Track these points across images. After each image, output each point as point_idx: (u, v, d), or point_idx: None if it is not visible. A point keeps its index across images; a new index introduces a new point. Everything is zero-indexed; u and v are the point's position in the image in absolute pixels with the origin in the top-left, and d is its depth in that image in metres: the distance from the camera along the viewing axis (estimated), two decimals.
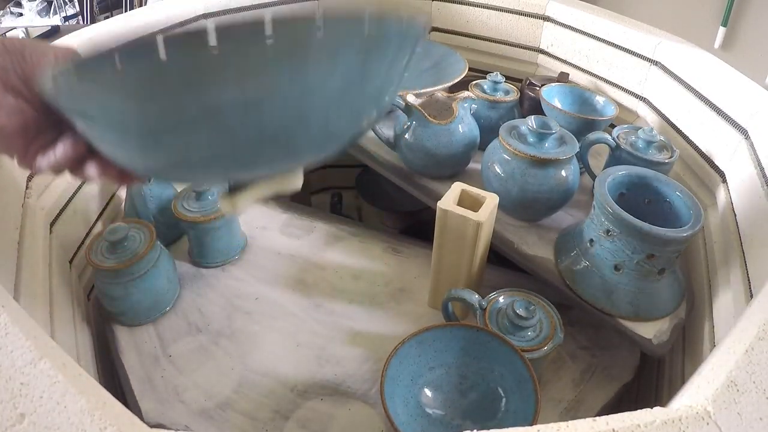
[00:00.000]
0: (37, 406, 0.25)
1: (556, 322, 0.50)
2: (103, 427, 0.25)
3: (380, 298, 0.62)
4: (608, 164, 0.63)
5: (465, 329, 0.48)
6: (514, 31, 0.86)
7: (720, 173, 0.58)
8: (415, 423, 0.45)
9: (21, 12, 2.29)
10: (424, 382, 0.47)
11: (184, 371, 0.52)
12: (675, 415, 0.26)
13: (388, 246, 0.70)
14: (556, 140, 0.57)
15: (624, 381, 0.53)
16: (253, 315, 0.59)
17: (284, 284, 0.63)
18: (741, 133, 0.55)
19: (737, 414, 0.26)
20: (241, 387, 0.51)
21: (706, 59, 0.65)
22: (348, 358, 0.54)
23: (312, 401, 0.50)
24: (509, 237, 0.59)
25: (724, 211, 0.55)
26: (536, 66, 0.88)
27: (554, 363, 0.55)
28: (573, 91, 0.71)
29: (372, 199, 0.97)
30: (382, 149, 0.72)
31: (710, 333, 0.49)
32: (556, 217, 0.62)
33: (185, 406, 0.49)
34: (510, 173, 0.56)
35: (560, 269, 0.55)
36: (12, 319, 0.29)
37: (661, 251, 0.47)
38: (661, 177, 0.53)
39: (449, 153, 0.63)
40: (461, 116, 0.63)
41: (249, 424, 0.48)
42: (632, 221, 0.46)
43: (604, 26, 0.75)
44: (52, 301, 0.48)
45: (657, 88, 0.71)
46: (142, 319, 0.56)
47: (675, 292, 0.52)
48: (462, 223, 0.50)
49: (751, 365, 0.28)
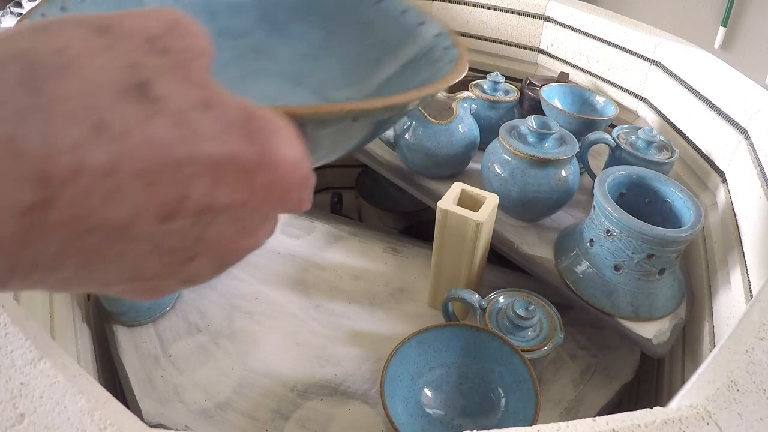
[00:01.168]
0: (37, 406, 0.25)
1: (556, 322, 0.50)
2: (103, 427, 0.25)
3: (380, 298, 0.62)
4: (608, 164, 0.63)
5: (465, 329, 0.48)
6: (514, 31, 0.86)
7: (720, 173, 0.58)
8: (415, 423, 0.45)
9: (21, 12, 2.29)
10: (424, 382, 0.47)
11: (184, 371, 0.52)
12: (675, 415, 0.26)
13: (388, 246, 0.70)
14: (556, 140, 0.57)
15: (624, 381, 0.53)
16: (253, 315, 0.59)
17: (284, 284, 0.63)
18: (741, 133, 0.55)
19: (737, 414, 0.26)
20: (241, 387, 0.51)
21: (706, 59, 0.65)
22: (348, 358, 0.54)
23: (312, 401, 0.50)
24: (509, 237, 0.59)
25: (724, 211, 0.55)
26: (536, 66, 0.88)
27: (554, 363, 0.55)
28: (573, 91, 0.71)
29: (372, 199, 0.97)
30: (382, 149, 0.72)
31: (710, 333, 0.49)
32: (556, 217, 0.62)
33: (185, 406, 0.49)
34: (510, 173, 0.56)
35: (560, 269, 0.55)
36: (12, 319, 0.29)
37: (661, 251, 0.47)
38: (661, 177, 0.53)
39: (449, 153, 0.63)
40: (461, 116, 0.63)
41: (249, 424, 0.48)
42: (632, 221, 0.46)
43: (604, 26, 0.75)
44: (52, 301, 0.48)
45: (657, 88, 0.71)
46: (142, 319, 0.56)
47: (675, 292, 0.52)
48: (462, 223, 0.50)
49: (751, 365, 0.28)
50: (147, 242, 0.14)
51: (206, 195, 0.14)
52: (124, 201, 0.13)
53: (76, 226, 0.12)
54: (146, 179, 0.13)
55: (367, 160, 0.72)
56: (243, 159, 0.14)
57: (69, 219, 0.12)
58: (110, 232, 0.13)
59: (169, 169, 0.13)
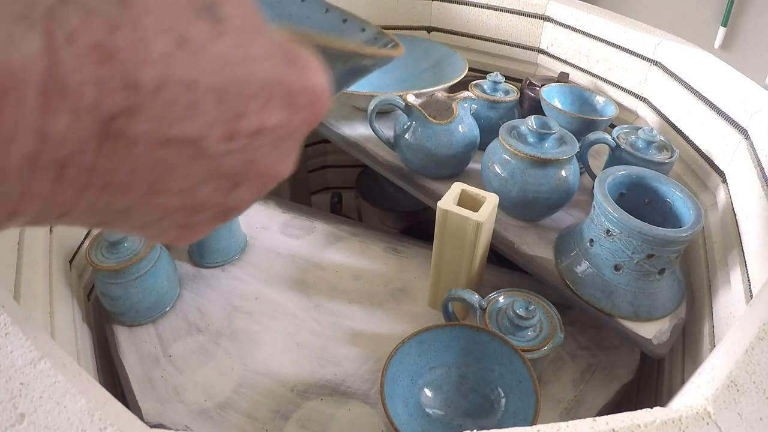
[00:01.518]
0: (37, 406, 0.25)
1: (556, 322, 0.50)
2: (103, 427, 0.25)
3: (380, 298, 0.62)
4: (608, 164, 0.63)
5: (465, 329, 0.48)
6: (514, 31, 0.86)
7: (720, 173, 0.58)
8: (415, 423, 0.45)
9: None
10: (424, 382, 0.47)
11: (184, 371, 0.52)
12: (675, 415, 0.26)
13: (388, 246, 0.70)
14: (556, 140, 0.57)
15: (624, 381, 0.53)
16: (253, 315, 0.59)
17: (284, 284, 0.63)
18: (741, 133, 0.55)
19: (737, 414, 0.26)
20: (241, 387, 0.51)
21: (706, 59, 0.65)
22: (348, 358, 0.54)
23: (312, 401, 0.50)
24: (509, 237, 0.59)
25: (724, 211, 0.55)
26: (536, 66, 0.88)
27: (554, 363, 0.55)
28: (573, 91, 0.71)
29: (372, 199, 0.97)
30: (382, 149, 0.72)
31: (710, 333, 0.49)
32: (556, 217, 0.62)
33: (185, 406, 0.49)
34: (510, 173, 0.56)
35: (560, 269, 0.55)
36: (12, 319, 0.29)
37: (661, 251, 0.47)
38: (661, 177, 0.53)
39: (449, 153, 0.63)
40: (461, 116, 0.63)
41: (249, 424, 0.48)
42: (632, 221, 0.46)
43: (604, 26, 0.75)
44: (52, 301, 0.48)
45: (657, 88, 0.71)
46: (142, 319, 0.56)
47: (675, 292, 0.52)
48: (462, 223, 0.50)
49: (751, 365, 0.28)
50: (209, 163, 0.14)
51: (259, 115, 0.14)
52: (199, 115, 0.13)
53: (155, 139, 0.13)
54: (217, 95, 0.13)
55: (367, 160, 0.72)
56: (288, 82, 0.15)
57: (150, 130, 0.12)
58: (183, 148, 0.13)
59: (235, 87, 0.13)
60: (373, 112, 0.65)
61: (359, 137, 0.75)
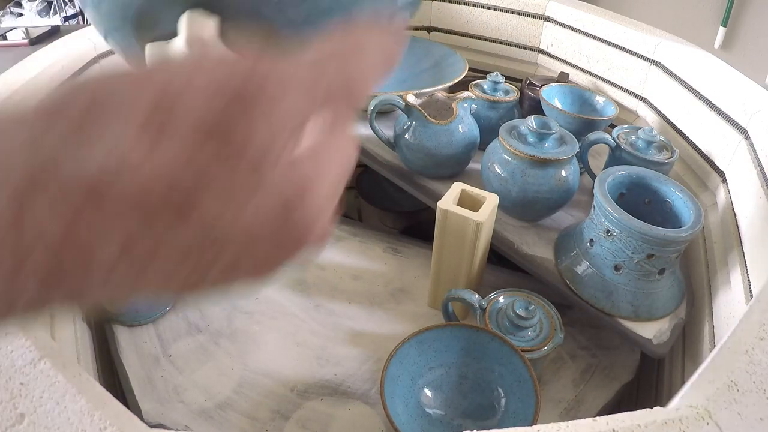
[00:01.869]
0: (37, 406, 0.25)
1: (556, 322, 0.50)
2: (103, 427, 0.25)
3: (380, 298, 0.62)
4: (608, 164, 0.63)
5: (465, 329, 0.48)
6: (514, 31, 0.86)
7: (720, 173, 0.58)
8: (415, 423, 0.45)
9: (21, 12, 2.29)
10: (424, 382, 0.47)
11: (184, 371, 0.52)
12: (675, 415, 0.26)
13: (388, 246, 0.70)
14: (556, 140, 0.57)
15: (624, 381, 0.53)
16: (253, 315, 0.59)
17: (284, 284, 0.63)
18: (741, 133, 0.55)
19: (737, 414, 0.26)
20: (241, 387, 0.51)
21: (706, 59, 0.65)
22: (348, 358, 0.54)
23: (312, 401, 0.50)
24: (509, 237, 0.59)
25: (724, 211, 0.55)
26: (536, 66, 0.88)
27: (554, 363, 0.55)
28: (573, 91, 0.71)
29: (372, 199, 0.97)
30: (382, 149, 0.72)
31: (710, 333, 0.49)
32: (556, 217, 0.62)
33: (185, 406, 0.49)
34: (510, 173, 0.56)
35: (560, 269, 0.55)
36: None
37: (661, 251, 0.47)
38: (661, 177, 0.53)
39: (449, 153, 0.63)
40: (461, 116, 0.63)
41: (249, 424, 0.48)
42: (632, 221, 0.46)
43: (604, 26, 0.75)
44: None
45: (657, 88, 0.71)
46: (142, 319, 0.56)
47: (675, 292, 0.52)
48: (462, 223, 0.50)
49: (751, 365, 0.28)
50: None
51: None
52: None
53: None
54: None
55: (367, 160, 0.72)
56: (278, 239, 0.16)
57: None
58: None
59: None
60: (373, 112, 0.65)
61: (359, 137, 0.75)
